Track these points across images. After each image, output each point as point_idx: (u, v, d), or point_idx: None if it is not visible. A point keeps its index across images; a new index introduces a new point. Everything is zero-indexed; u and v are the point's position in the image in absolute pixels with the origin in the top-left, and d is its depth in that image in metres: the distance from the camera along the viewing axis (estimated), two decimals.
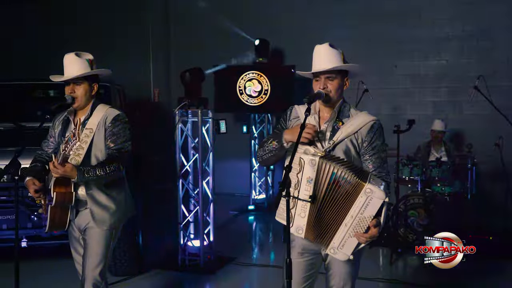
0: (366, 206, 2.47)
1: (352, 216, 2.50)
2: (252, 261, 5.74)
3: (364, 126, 2.70)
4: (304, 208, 2.59)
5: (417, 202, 6.15)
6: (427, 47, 8.22)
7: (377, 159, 2.69)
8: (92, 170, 3.02)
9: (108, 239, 3.22)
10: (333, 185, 2.51)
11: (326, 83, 2.70)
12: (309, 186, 2.54)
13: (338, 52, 2.73)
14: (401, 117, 7.67)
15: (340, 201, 2.52)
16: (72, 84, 3.19)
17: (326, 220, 2.57)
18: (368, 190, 2.44)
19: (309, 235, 2.63)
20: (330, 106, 2.75)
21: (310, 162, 2.53)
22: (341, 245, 2.57)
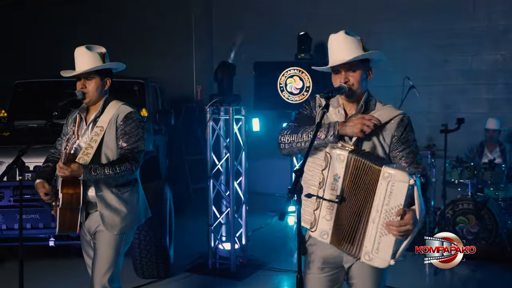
0: (389, 194, 2.14)
1: (377, 209, 2.18)
2: (286, 267, 5.43)
3: (392, 121, 2.40)
4: (330, 209, 2.30)
5: (466, 208, 5.68)
6: (481, 40, 7.64)
7: (409, 153, 2.39)
8: (100, 168, 2.84)
9: (118, 244, 3.02)
10: (356, 179, 2.24)
11: (347, 76, 2.40)
12: (335, 184, 2.26)
13: (357, 40, 2.43)
14: (452, 115, 7.16)
15: (362, 196, 2.23)
16: (83, 79, 3.03)
17: (353, 220, 2.27)
18: (387, 174, 2.14)
19: (335, 240, 2.32)
20: (354, 101, 2.45)
21: (337, 158, 2.25)
22: (376, 248, 2.21)
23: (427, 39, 7.86)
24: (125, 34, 10.30)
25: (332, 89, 2.34)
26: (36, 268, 5.23)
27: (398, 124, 2.40)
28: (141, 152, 3.04)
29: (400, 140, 2.39)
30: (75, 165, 2.76)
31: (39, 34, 10.87)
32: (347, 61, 2.36)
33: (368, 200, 2.22)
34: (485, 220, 5.58)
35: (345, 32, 2.43)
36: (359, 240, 2.27)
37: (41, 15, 10.93)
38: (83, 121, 3.09)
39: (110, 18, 10.56)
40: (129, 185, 3.06)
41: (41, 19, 10.91)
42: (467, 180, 5.88)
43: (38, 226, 4.44)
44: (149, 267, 4.79)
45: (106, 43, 3.25)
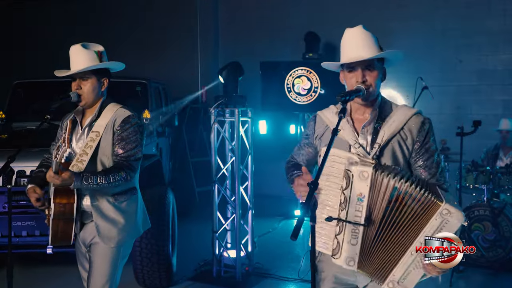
0: (440, 230, 2.00)
1: (421, 242, 2.01)
2: (294, 275, 5.20)
3: (410, 122, 2.19)
4: (355, 233, 2.08)
5: (482, 214, 5.43)
6: (497, 40, 7.45)
7: (433, 163, 2.20)
8: (93, 177, 2.61)
9: (115, 258, 2.81)
10: (395, 203, 2.01)
11: (365, 76, 2.17)
12: (360, 205, 2.05)
13: (374, 37, 2.21)
14: (466, 117, 6.95)
15: (405, 224, 2.02)
16: (78, 79, 2.81)
17: (384, 247, 2.06)
18: (446, 211, 1.97)
19: (365, 267, 2.11)
20: (369, 104, 2.22)
21: (360, 175, 2.04)
22: (403, 278, 2.06)
23: (441, 38, 7.69)
24: (129, 35, 10.14)
25: (350, 92, 2.11)
26: (30, 276, 5.07)
27: (420, 128, 2.19)
28: (138, 160, 2.82)
29: (424, 147, 2.19)
30: (66, 174, 2.55)
31: (39, 34, 10.73)
32: (368, 58, 2.14)
33: (411, 230, 2.02)
34: (502, 227, 5.33)
35: (363, 27, 2.22)
36: (388, 267, 2.07)
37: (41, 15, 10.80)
38: (78, 125, 2.88)
39: (113, 19, 10.40)
40: (127, 194, 2.85)
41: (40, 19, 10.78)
42: (483, 185, 5.62)
43: (34, 234, 4.24)
44: (150, 276, 4.58)
45: (109, 44, 3.05)
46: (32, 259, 5.42)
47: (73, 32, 10.08)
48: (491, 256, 5.33)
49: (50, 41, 10.36)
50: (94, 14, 10.57)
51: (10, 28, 10.90)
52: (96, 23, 10.37)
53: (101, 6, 10.56)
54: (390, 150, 2.18)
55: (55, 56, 9.11)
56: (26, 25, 10.76)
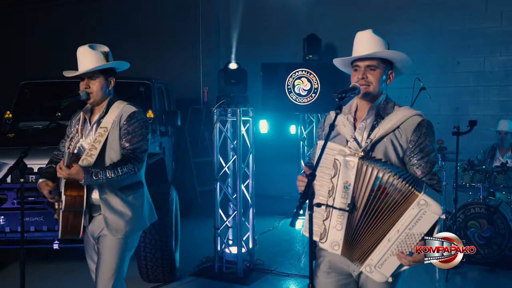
0: (417, 220, 2.08)
1: (398, 230, 2.12)
2: (295, 271, 5.33)
3: (407, 122, 2.28)
4: (340, 219, 2.20)
5: (478, 212, 5.55)
6: (494, 42, 7.51)
7: (427, 163, 2.26)
8: (102, 172, 2.75)
9: (122, 249, 2.93)
10: (378, 192, 2.12)
11: (366, 73, 2.30)
12: (346, 192, 2.17)
13: (383, 40, 2.35)
14: (463, 118, 7.05)
15: (385, 212, 2.13)
16: (86, 79, 2.94)
17: (366, 232, 2.18)
18: (423, 201, 2.06)
19: (347, 252, 2.24)
20: (370, 101, 2.35)
21: (347, 164, 2.15)
22: (380, 264, 2.17)
23: (439, 40, 7.77)
24: (132, 36, 10.26)
25: (346, 89, 2.24)
26: (39, 271, 5.17)
27: (415, 128, 2.27)
28: (144, 152, 2.95)
29: (418, 146, 2.27)
30: (75, 168, 2.68)
31: (45, 35, 10.86)
32: (368, 55, 2.28)
33: (390, 217, 2.12)
34: (497, 224, 5.45)
35: (372, 31, 2.37)
36: (366, 251, 2.20)
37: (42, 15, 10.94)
38: (87, 122, 3.01)
39: (115, 20, 10.54)
40: (133, 188, 2.97)
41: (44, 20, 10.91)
42: (479, 184, 5.74)
43: (42, 229, 4.37)
44: (154, 271, 4.70)
45: (111, 45, 3.17)
46: (38, 255, 5.54)
47: (77, 33, 10.25)
48: (487, 253, 5.45)
49: (55, 42, 10.51)
50: (98, 15, 10.70)
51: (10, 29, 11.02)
52: (101, 25, 10.50)
53: (106, 8, 10.69)
54: (383, 147, 2.28)
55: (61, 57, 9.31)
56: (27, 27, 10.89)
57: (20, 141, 5.06)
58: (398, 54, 2.34)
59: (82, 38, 10.17)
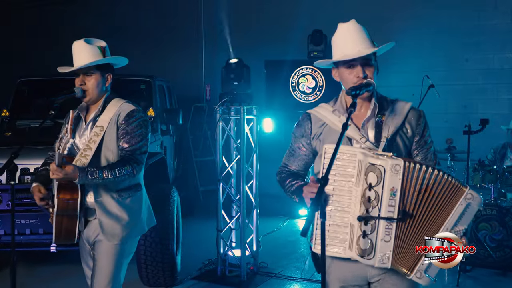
0: (462, 215, 2.03)
1: (447, 228, 2.04)
2: (299, 275, 5.17)
3: (409, 115, 2.23)
4: (389, 229, 2.02)
5: (489, 214, 5.37)
6: (503, 39, 7.45)
7: (432, 155, 2.27)
8: (98, 172, 2.58)
9: (119, 255, 2.77)
10: (425, 193, 2.02)
11: (365, 71, 2.16)
12: (393, 200, 2.00)
13: (366, 30, 2.22)
14: (471, 116, 6.89)
15: (434, 212, 2.04)
16: (82, 75, 2.79)
17: (416, 239, 2.04)
18: (469, 195, 2.02)
19: (398, 263, 2.06)
20: (366, 99, 2.21)
21: (392, 169, 1.98)
22: (429, 267, 2.07)
23: (447, 37, 7.68)
24: (134, 34, 10.12)
25: (361, 86, 2.09)
26: (36, 274, 5.04)
27: (417, 121, 2.24)
28: (144, 154, 2.79)
29: (423, 139, 2.25)
30: (70, 167, 2.51)
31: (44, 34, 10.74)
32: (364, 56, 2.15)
33: (439, 218, 2.04)
34: (509, 226, 5.27)
35: (356, 21, 2.23)
36: (417, 258, 2.05)
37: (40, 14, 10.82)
38: (82, 121, 2.85)
39: (118, 18, 10.40)
40: (131, 190, 2.81)
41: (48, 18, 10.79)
42: (490, 185, 5.56)
43: (38, 232, 4.22)
44: (155, 275, 4.55)
45: (112, 43, 3.01)
46: (35, 258, 5.39)
47: (76, 31, 10.09)
48: (499, 256, 5.27)
49: (56, 40, 10.36)
50: (99, 13, 10.57)
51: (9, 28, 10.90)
52: (102, 23, 10.36)
53: (107, 7, 10.56)
54: (394, 143, 2.19)
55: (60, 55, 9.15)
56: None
57: (16, 140, 4.91)
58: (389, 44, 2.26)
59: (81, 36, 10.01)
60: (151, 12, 10.28)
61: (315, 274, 5.15)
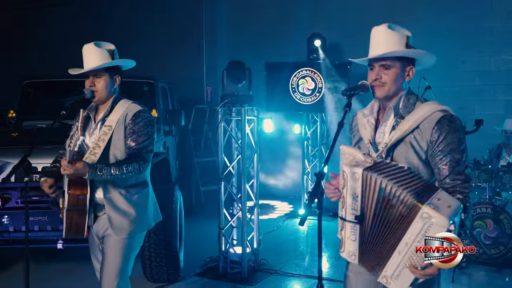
0: (424, 233, 1.94)
1: (406, 243, 1.99)
2: (299, 272, 5.30)
3: (426, 121, 2.14)
4: (354, 230, 2.13)
5: (484, 212, 5.50)
6: (499, 41, 7.56)
7: (450, 161, 2.10)
8: (106, 168, 2.72)
9: (127, 249, 2.91)
10: (383, 203, 2.02)
11: (380, 73, 2.20)
12: (355, 204, 2.09)
13: (400, 35, 2.21)
14: (468, 117, 6.93)
15: (393, 224, 2.02)
16: (91, 76, 2.92)
17: (377, 244, 2.09)
18: (425, 214, 1.91)
19: (364, 262, 2.16)
20: (388, 101, 2.25)
21: (352, 176, 2.07)
22: (396, 275, 2.06)
23: (444, 39, 7.74)
24: (135, 37, 10.24)
25: (355, 87, 2.19)
26: (43, 271, 5.15)
27: (434, 126, 2.12)
28: (150, 152, 2.92)
29: (441, 142, 2.12)
30: (80, 163, 2.64)
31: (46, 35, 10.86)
32: (379, 56, 2.18)
33: (398, 230, 2.01)
34: (504, 224, 5.40)
35: (387, 26, 2.23)
36: (382, 263, 2.09)
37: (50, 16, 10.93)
38: (92, 120, 2.99)
39: (118, 20, 10.52)
40: (138, 187, 2.95)
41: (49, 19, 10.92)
42: (485, 184, 5.69)
43: (46, 229, 4.33)
44: (158, 271, 4.67)
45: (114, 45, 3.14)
46: (42, 255, 5.52)
47: (80, 33, 10.22)
48: (493, 253, 5.40)
49: (58, 42, 10.50)
50: (102, 15, 10.70)
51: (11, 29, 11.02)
52: (105, 24, 10.50)
53: (107, 9, 10.69)
54: (403, 150, 2.17)
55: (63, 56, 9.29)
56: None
57: (23, 140, 5.04)
58: (414, 52, 2.23)
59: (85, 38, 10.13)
60: (155, 15, 10.41)
61: (314, 271, 5.29)
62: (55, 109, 5.33)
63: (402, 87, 2.24)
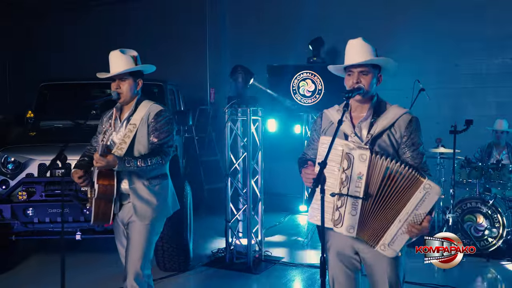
0: (422, 202, 2.44)
1: (407, 212, 2.46)
2: (300, 261, 5.66)
3: (400, 120, 2.62)
4: (355, 205, 2.52)
5: (474, 206, 5.87)
6: (491, 45, 7.88)
7: (418, 155, 2.61)
8: (133, 160, 3.07)
9: (150, 234, 3.25)
10: (388, 180, 2.46)
11: (359, 78, 2.61)
12: (360, 182, 2.49)
13: (372, 47, 2.66)
14: (461, 117, 7.29)
15: (396, 197, 2.47)
16: (117, 80, 3.26)
17: (379, 216, 2.51)
18: (428, 185, 2.43)
19: (362, 233, 2.55)
20: (365, 103, 2.67)
21: (360, 157, 2.48)
22: (392, 242, 2.52)
23: (438, 43, 8.09)
24: (141, 40, 10.57)
25: (352, 90, 2.56)
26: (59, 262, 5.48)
27: (407, 125, 2.61)
28: (170, 147, 3.27)
29: (410, 140, 2.61)
30: (110, 156, 2.99)
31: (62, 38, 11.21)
32: (360, 63, 2.59)
33: (400, 202, 2.47)
34: (492, 218, 5.76)
35: (362, 39, 2.67)
36: (380, 233, 2.52)
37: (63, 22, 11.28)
38: (118, 119, 3.33)
39: (126, 24, 10.86)
40: (159, 179, 3.30)
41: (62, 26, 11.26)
42: (475, 180, 6.06)
43: (67, 220, 4.67)
44: (170, 260, 5.02)
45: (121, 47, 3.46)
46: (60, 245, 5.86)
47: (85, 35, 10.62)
48: (482, 245, 5.77)
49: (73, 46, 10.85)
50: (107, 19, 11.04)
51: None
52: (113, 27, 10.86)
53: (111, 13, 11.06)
54: (381, 141, 2.61)
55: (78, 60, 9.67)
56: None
57: (41, 139, 5.38)
58: (386, 60, 2.67)
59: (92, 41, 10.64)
60: (158, 18, 10.74)
61: (314, 260, 5.66)
62: (70, 110, 5.72)
63: (374, 91, 2.68)
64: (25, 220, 4.63)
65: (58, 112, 6.15)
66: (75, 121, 5.81)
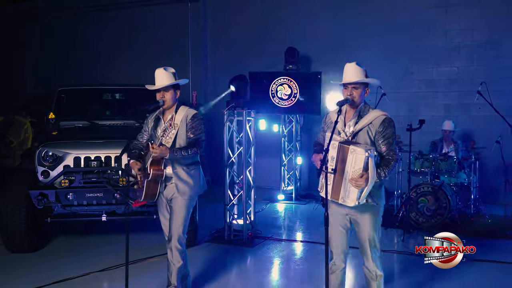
0: (354, 162, 3.41)
1: (347, 171, 3.47)
2: (285, 237, 6.81)
3: (376, 120, 3.65)
4: (331, 178, 3.61)
5: (426, 191, 7.14)
6: (440, 55, 9.11)
7: (387, 144, 3.64)
8: (178, 150, 4.10)
9: (188, 206, 4.31)
10: (343, 158, 3.49)
11: (352, 91, 3.73)
12: (332, 162, 3.58)
13: (362, 69, 3.75)
14: (416, 118, 8.45)
15: (342, 165, 3.50)
16: (162, 91, 4.28)
17: (339, 182, 3.55)
18: (352, 149, 3.43)
19: (333, 196, 3.62)
20: (354, 108, 3.79)
21: (332, 145, 3.59)
22: (347, 195, 3.53)
23: (396, 53, 9.29)
24: (129, 46, 11.43)
25: (343, 101, 3.70)
26: (84, 240, 6.45)
27: (381, 123, 3.65)
28: (203, 141, 4.32)
29: (382, 134, 3.64)
30: (163, 147, 4.03)
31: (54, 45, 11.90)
32: (353, 82, 3.72)
33: (344, 166, 3.49)
34: (440, 200, 7.04)
35: (356, 63, 3.76)
36: (338, 190, 3.58)
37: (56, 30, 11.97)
38: (161, 121, 4.37)
39: (112, 31, 11.67)
40: (194, 165, 4.35)
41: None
42: (427, 169, 7.35)
43: (101, 203, 5.62)
44: None
45: (112, 55, 4.44)
46: (82, 226, 6.85)
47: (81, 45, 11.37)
48: (433, 221, 7.05)
49: None
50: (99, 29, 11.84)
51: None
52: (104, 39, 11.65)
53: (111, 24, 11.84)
54: (362, 134, 3.70)
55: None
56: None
57: (65, 136, 6.24)
58: (372, 80, 3.79)
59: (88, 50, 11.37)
60: (145, 29, 11.60)
61: (294, 237, 6.81)
62: (85, 111, 6.64)
63: (363, 100, 3.79)
64: (66, 203, 5.56)
65: (75, 113, 7.03)
66: (91, 121, 6.74)
